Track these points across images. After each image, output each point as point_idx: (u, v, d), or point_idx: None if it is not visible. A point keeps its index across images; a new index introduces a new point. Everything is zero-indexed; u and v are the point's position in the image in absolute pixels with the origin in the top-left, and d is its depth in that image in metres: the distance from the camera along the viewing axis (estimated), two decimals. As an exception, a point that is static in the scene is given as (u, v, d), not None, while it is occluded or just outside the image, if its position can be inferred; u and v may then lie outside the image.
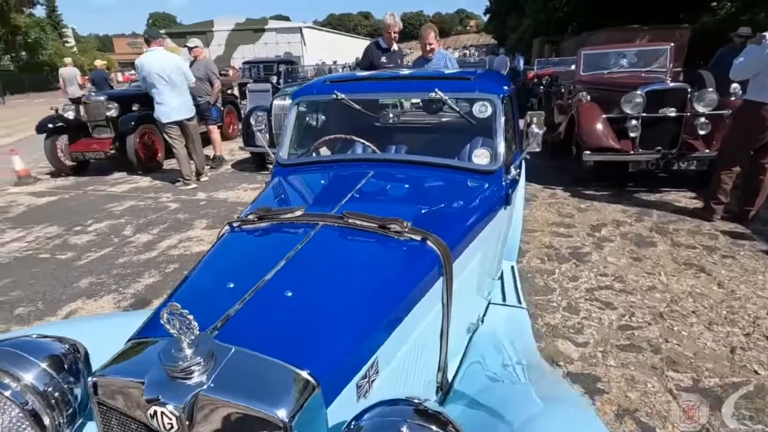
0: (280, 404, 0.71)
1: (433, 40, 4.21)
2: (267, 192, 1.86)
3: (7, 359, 0.85)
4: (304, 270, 1.09)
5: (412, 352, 1.18)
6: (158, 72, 5.13)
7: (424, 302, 1.19)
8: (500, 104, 1.95)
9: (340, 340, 0.90)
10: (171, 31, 59.49)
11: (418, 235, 1.26)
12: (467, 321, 1.66)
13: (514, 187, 1.99)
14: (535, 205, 4.72)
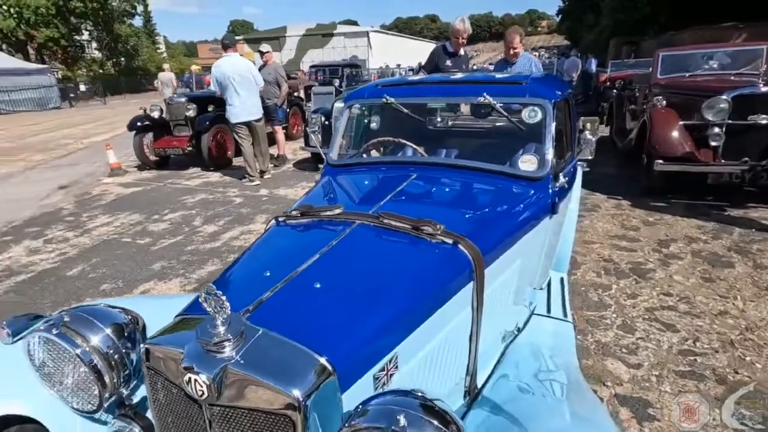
0: (297, 384, 0.77)
1: (518, 44, 4.14)
2: (316, 190, 1.96)
3: (79, 322, 1.01)
4: (335, 264, 1.15)
5: (437, 352, 1.20)
6: (232, 75, 5.53)
7: (452, 304, 1.20)
8: (551, 109, 1.90)
9: (360, 332, 0.94)
10: (248, 36, 63.44)
11: (450, 238, 1.27)
12: (502, 328, 1.63)
13: (563, 195, 1.92)
14: (597, 216, 4.47)
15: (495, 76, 2.36)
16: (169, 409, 0.93)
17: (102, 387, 0.96)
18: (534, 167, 1.86)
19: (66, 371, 0.99)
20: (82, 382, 0.98)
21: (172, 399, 0.91)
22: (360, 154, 2.32)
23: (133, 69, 35.51)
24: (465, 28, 4.38)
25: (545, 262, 2.02)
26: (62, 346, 0.96)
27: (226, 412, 0.82)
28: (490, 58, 69.59)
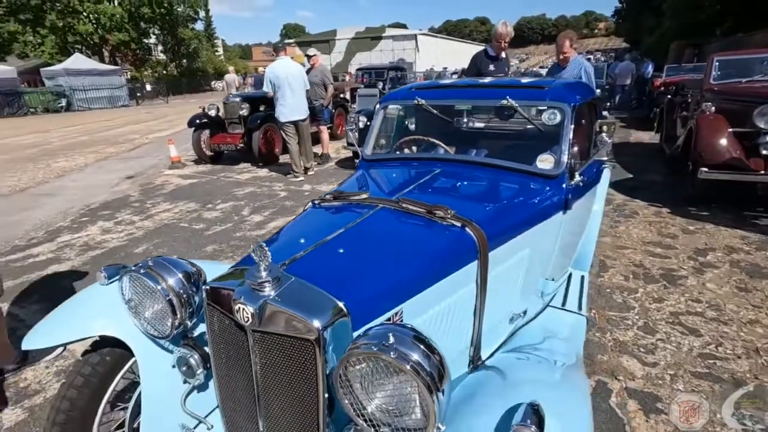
0: (318, 317, 0.99)
1: (569, 49, 4.22)
2: (350, 180, 2.20)
3: (160, 267, 1.29)
4: (357, 237, 1.37)
5: (442, 317, 1.39)
6: (283, 78, 5.94)
7: (456, 277, 1.39)
8: (570, 112, 2.02)
9: (372, 287, 1.15)
10: (299, 39, 65.53)
11: (459, 221, 1.46)
12: (509, 310, 1.79)
13: (578, 193, 2.04)
14: (634, 223, 4.42)
15: (521, 81, 2.49)
16: (222, 338, 1.19)
17: (173, 318, 1.24)
18: (551, 166, 2.00)
19: (147, 304, 1.27)
20: (159, 313, 1.26)
21: (224, 328, 1.16)
22: (394, 151, 2.54)
23: (194, 70, 37.87)
24: (507, 32, 4.45)
25: (560, 256, 2.13)
26: (147, 283, 1.24)
27: (264, 337, 1.06)
28: (542, 61, 67.61)
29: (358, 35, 59.32)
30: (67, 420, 1.28)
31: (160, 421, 1.31)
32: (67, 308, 1.42)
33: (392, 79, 13.45)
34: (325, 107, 7.59)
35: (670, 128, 7.26)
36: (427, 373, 0.85)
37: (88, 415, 1.32)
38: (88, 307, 1.39)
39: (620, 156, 7.50)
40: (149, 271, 1.26)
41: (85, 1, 27.63)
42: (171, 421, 1.32)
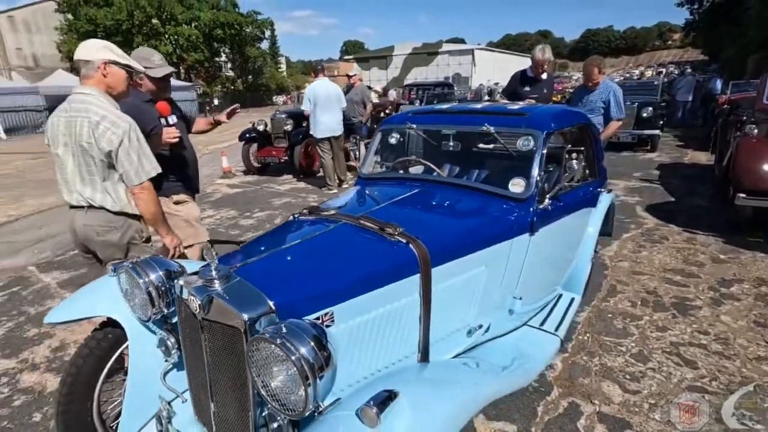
0: (247, 311, 1.21)
1: (597, 76, 4.25)
2: (340, 196, 2.44)
3: (146, 264, 1.58)
4: (310, 248, 1.59)
5: (383, 321, 1.56)
6: (321, 97, 6.37)
7: (396, 287, 1.55)
8: (542, 138, 2.12)
9: (304, 290, 1.35)
10: (358, 56, 67.79)
11: (404, 238, 1.63)
12: (464, 322, 1.91)
13: (547, 217, 2.11)
14: (660, 248, 4.25)
15: (506, 107, 2.60)
16: (185, 324, 1.46)
17: (151, 306, 1.53)
18: (520, 189, 2.11)
19: (135, 294, 1.57)
20: (142, 301, 1.55)
21: (186, 316, 1.43)
22: (391, 170, 2.75)
23: (258, 86, 40.50)
24: (544, 59, 4.48)
25: (536, 276, 2.21)
26: (134, 277, 1.54)
27: (210, 324, 1.31)
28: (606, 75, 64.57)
29: (414, 51, 60.33)
30: (74, 382, 1.60)
31: (142, 392, 1.59)
32: (82, 293, 1.77)
33: (437, 95, 13.65)
34: (364, 123, 7.95)
35: (724, 149, 6.81)
36: (306, 362, 1.04)
37: (91, 380, 1.63)
38: (98, 293, 1.72)
39: (667, 177, 7.14)
40: (136, 267, 1.56)
41: (167, 24, 30.70)
42: (152, 393, 1.60)
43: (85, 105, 1.97)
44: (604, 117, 4.25)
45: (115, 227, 2.11)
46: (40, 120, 20.82)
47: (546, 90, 4.69)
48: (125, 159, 1.98)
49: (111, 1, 28.53)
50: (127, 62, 2.07)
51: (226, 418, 1.39)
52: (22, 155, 13.07)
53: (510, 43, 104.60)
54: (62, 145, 2.02)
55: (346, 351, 1.46)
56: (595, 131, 2.77)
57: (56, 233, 5.43)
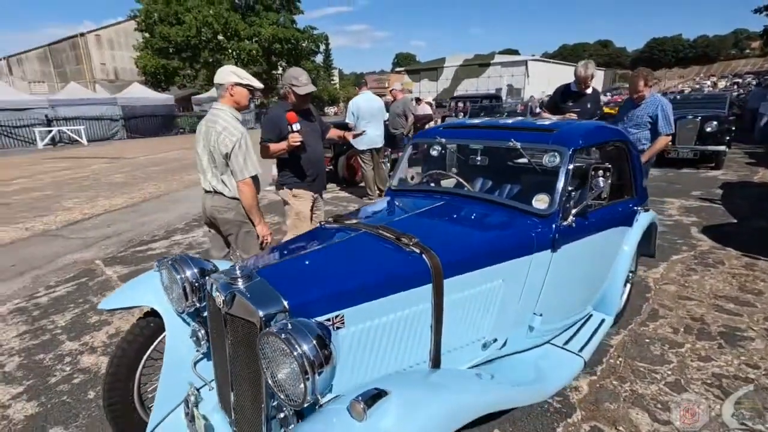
0: (263, 308, 1.33)
1: (643, 88, 4.07)
2: (368, 206, 2.55)
3: (182, 262, 1.76)
4: (330, 254, 1.70)
5: (395, 328, 1.62)
6: (364, 110, 6.57)
7: (407, 295, 1.61)
8: (569, 155, 2.11)
9: (317, 292, 1.45)
10: (409, 68, 68.51)
11: (419, 248, 1.69)
12: (479, 335, 1.92)
13: (571, 234, 2.09)
14: (713, 273, 3.97)
15: (535, 123, 2.59)
16: (213, 318, 1.61)
17: (185, 300, 1.70)
18: (544, 205, 2.10)
19: (173, 288, 1.75)
20: (179, 295, 1.73)
21: (213, 310, 1.58)
22: (421, 183, 2.83)
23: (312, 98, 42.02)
24: (586, 75, 4.41)
25: (561, 294, 2.18)
26: (172, 273, 1.73)
27: (232, 318, 1.44)
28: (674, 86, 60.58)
29: (466, 62, 60.12)
30: (119, 364, 1.81)
31: (175, 377, 1.76)
32: (131, 284, 1.99)
33: (485, 107, 13.54)
34: (406, 135, 8.07)
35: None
36: (306, 358, 1.13)
37: (133, 363, 1.83)
38: (144, 286, 1.93)
39: (731, 197, 6.62)
40: (175, 264, 1.74)
41: (230, 40, 32.81)
42: (184, 379, 1.77)
43: (216, 118, 2.63)
44: (651, 132, 4.07)
45: (231, 208, 2.74)
46: (116, 128, 22.96)
47: (590, 105, 4.56)
48: (234, 160, 2.58)
49: (183, 19, 30.97)
50: (248, 82, 2.69)
51: (243, 407, 1.51)
52: (99, 160, 14.47)
53: (567, 53, 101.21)
54: (201, 146, 2.69)
55: (355, 353, 1.54)
56: (632, 148, 2.68)
57: (122, 231, 5.99)
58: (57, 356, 2.95)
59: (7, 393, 2.58)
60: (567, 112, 4.46)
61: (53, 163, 13.87)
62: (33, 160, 14.94)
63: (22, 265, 4.77)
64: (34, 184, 10.03)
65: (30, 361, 2.91)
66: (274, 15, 35.32)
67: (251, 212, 2.73)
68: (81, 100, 21.93)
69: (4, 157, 16.21)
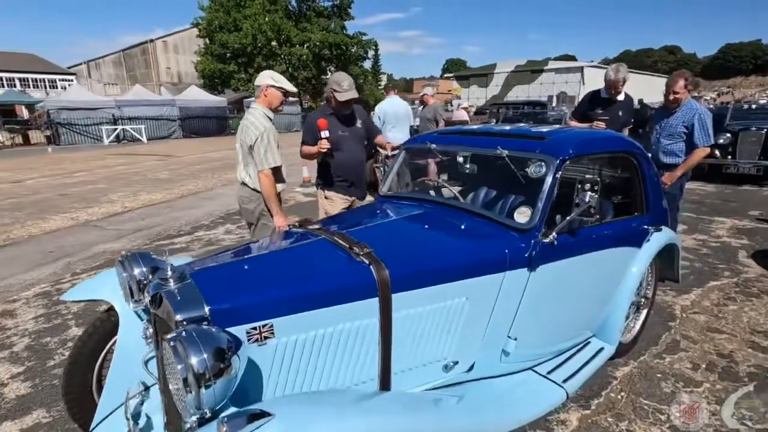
0: (181, 313, 1.30)
1: (682, 89, 3.60)
2: (349, 211, 2.47)
3: (132, 259, 1.77)
4: (277, 258, 1.64)
5: (333, 343, 1.53)
6: (390, 114, 6.53)
7: (349, 309, 1.52)
8: (555, 166, 1.92)
9: (244, 299, 1.38)
10: (458, 74, 67.83)
11: (368, 259, 1.59)
12: (439, 356, 1.78)
13: (552, 253, 1.89)
14: (755, 304, 3.51)
15: (530, 130, 2.39)
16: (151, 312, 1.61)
17: (132, 297, 1.71)
18: (524, 219, 1.93)
19: (124, 284, 1.77)
20: (127, 292, 1.75)
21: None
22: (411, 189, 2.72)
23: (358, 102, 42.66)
24: (617, 79, 4.05)
25: (534, 317, 1.98)
26: (120, 270, 1.75)
27: (158, 317, 1.42)
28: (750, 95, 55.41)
29: (518, 68, 58.60)
30: (78, 354, 1.84)
31: (125, 374, 1.77)
32: (95, 278, 2.04)
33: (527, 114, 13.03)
34: (436, 141, 7.93)
35: None
36: (191, 369, 1.07)
37: (93, 355, 1.86)
38: (106, 281, 1.97)
39: (794, 220, 5.89)
40: (125, 261, 1.76)
41: (282, 46, 34.07)
42: (135, 376, 1.78)
43: (248, 115, 2.92)
44: (687, 143, 3.67)
45: (252, 200, 2.99)
46: (173, 128, 24.48)
47: (622, 113, 4.21)
48: (256, 151, 2.81)
49: (240, 26, 32.58)
50: (281, 86, 2.95)
51: (171, 411, 1.48)
52: (152, 157, 15.46)
53: (629, 59, 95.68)
54: (238, 141, 2.96)
55: (288, 365, 1.47)
56: (643, 160, 2.41)
57: (153, 225, 6.31)
58: (61, 341, 3.11)
59: (8, 372, 2.74)
60: (595, 119, 4.15)
61: (113, 159, 14.99)
62: (97, 155, 16.24)
63: (58, 252, 5.14)
64: (91, 178, 10.86)
65: (37, 344, 3.08)
66: (325, 21, 36.28)
67: (269, 202, 2.90)
68: (143, 101, 23.62)
69: (75, 152, 17.76)
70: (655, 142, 3.81)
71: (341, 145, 3.29)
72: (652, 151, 3.78)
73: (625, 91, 4.19)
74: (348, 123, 3.41)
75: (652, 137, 3.85)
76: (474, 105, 39.81)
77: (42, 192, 8.96)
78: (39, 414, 2.35)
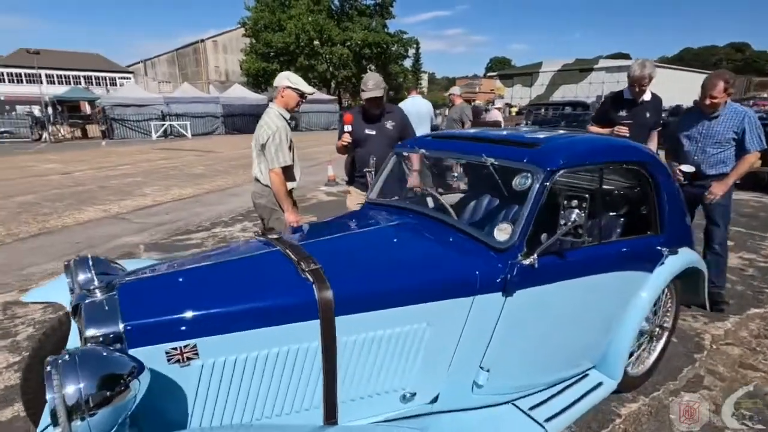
0: (93, 328, 1.22)
1: (721, 94, 3.16)
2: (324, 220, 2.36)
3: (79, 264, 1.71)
4: (215, 273, 1.53)
5: (267, 367, 1.41)
6: (411, 114, 6.34)
7: (285, 330, 1.39)
8: (542, 178, 1.70)
9: (167, 316, 1.29)
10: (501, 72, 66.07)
11: (312, 277, 1.45)
12: (392, 384, 1.61)
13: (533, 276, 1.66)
14: (805, 338, 3.06)
15: (524, 136, 2.15)
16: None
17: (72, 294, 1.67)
18: (504, 237, 1.71)
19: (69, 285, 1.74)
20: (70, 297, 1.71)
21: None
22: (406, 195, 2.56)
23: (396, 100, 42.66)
24: (642, 75, 3.57)
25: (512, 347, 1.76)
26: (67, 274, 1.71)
27: (78, 326, 1.35)
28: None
29: (565, 67, 56.29)
30: (35, 356, 1.83)
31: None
32: (54, 280, 2.02)
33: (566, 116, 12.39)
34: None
35: None
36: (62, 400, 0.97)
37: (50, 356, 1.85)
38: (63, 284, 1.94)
39: None
40: (69, 265, 1.72)
41: (324, 45, 34.53)
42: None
43: (265, 114, 3.01)
44: (736, 150, 3.22)
45: (264, 195, 3.09)
46: (216, 125, 25.41)
47: (649, 114, 3.77)
48: (267, 150, 2.90)
49: (284, 26, 33.35)
50: (297, 87, 3.01)
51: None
52: (192, 152, 16.08)
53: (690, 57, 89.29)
54: (254, 139, 3.04)
55: (215, 389, 1.36)
56: (656, 172, 2.09)
57: (176, 220, 6.48)
58: (61, 332, 3.19)
59: (5, 361, 2.84)
60: (618, 124, 3.73)
61: (156, 153, 15.73)
62: (143, 149, 17.11)
63: (84, 243, 5.37)
64: (132, 171, 11.42)
65: (39, 334, 3.18)
66: (367, 20, 36.40)
67: (280, 199, 3.02)
68: (190, 98, 24.67)
69: (125, 146, 18.83)
70: (697, 152, 3.36)
71: (365, 142, 3.39)
72: (689, 161, 3.37)
73: (651, 90, 3.78)
74: (375, 121, 3.50)
75: (687, 146, 3.43)
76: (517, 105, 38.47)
77: (85, 184, 9.50)
78: (19, 407, 2.40)
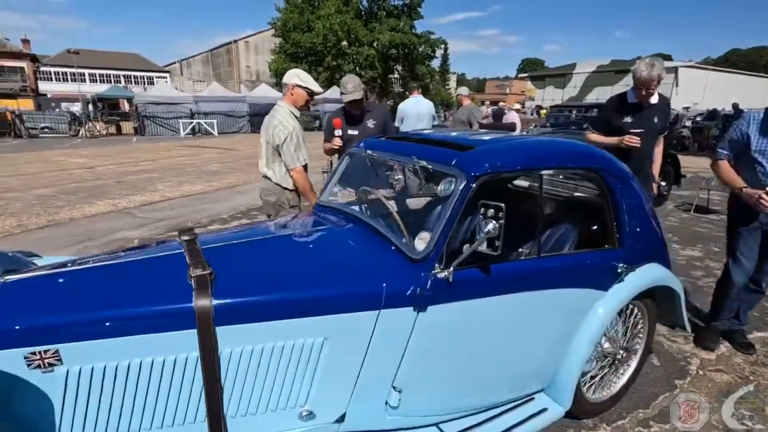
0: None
1: None
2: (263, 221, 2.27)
3: None
4: (105, 273, 1.48)
5: (142, 376, 1.33)
6: (410, 114, 6.21)
7: (162, 339, 1.31)
8: (465, 184, 1.55)
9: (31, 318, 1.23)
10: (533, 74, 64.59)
11: (195, 283, 1.37)
12: (287, 401, 1.50)
13: (450, 291, 1.52)
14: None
15: (467, 138, 1.97)
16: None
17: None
18: (422, 246, 1.58)
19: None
20: None
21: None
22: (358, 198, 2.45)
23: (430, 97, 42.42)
24: (651, 77, 3.18)
25: (429, 366, 1.62)
26: None
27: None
28: None
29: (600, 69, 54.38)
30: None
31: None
32: None
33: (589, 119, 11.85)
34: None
35: None
36: None
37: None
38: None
39: None
40: None
41: (351, 46, 34.71)
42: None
43: (275, 113, 3.00)
44: None
45: (273, 193, 3.09)
46: (242, 123, 25.98)
47: (657, 119, 3.41)
48: (286, 150, 2.91)
49: (313, 26, 33.77)
50: (306, 85, 3.00)
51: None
52: (215, 150, 16.47)
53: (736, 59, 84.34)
54: (263, 136, 3.05)
55: (80, 398, 1.30)
56: (613, 179, 1.88)
57: (177, 216, 6.59)
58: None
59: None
60: (626, 132, 3.32)
61: (180, 150, 16.19)
62: (169, 146, 17.66)
63: (85, 236, 5.53)
64: (151, 167, 11.77)
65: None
66: (395, 21, 36.31)
67: (306, 194, 3.07)
68: (218, 97, 25.35)
69: (153, 142, 19.51)
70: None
71: (349, 143, 3.41)
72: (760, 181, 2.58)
73: (658, 93, 3.46)
74: (358, 122, 3.60)
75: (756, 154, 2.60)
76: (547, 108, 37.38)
77: (104, 178, 9.86)
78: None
